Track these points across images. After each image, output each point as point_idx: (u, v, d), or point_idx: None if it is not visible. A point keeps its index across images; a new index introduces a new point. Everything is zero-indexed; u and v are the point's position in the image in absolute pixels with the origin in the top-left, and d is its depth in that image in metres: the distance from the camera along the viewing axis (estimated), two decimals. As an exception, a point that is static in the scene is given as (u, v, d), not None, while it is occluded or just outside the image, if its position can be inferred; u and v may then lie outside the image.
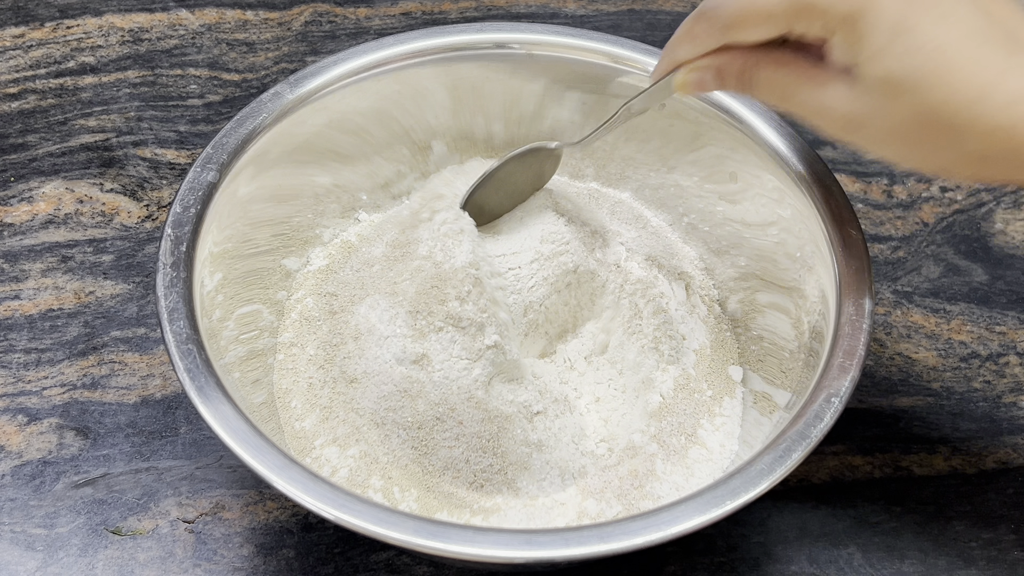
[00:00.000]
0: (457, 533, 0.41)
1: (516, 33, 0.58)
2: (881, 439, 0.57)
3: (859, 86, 0.39)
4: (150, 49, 0.75)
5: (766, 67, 0.42)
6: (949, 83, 0.37)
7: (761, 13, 0.40)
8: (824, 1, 0.38)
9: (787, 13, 0.40)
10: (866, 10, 0.38)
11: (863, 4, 0.38)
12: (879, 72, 0.38)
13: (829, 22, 0.39)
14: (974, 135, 0.38)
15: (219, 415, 0.43)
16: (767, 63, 0.42)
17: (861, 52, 0.38)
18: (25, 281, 0.62)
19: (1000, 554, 0.53)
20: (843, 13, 0.38)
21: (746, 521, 0.53)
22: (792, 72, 0.42)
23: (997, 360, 0.60)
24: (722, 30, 0.42)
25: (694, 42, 0.44)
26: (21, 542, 0.52)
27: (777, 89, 0.42)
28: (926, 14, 0.37)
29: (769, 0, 0.40)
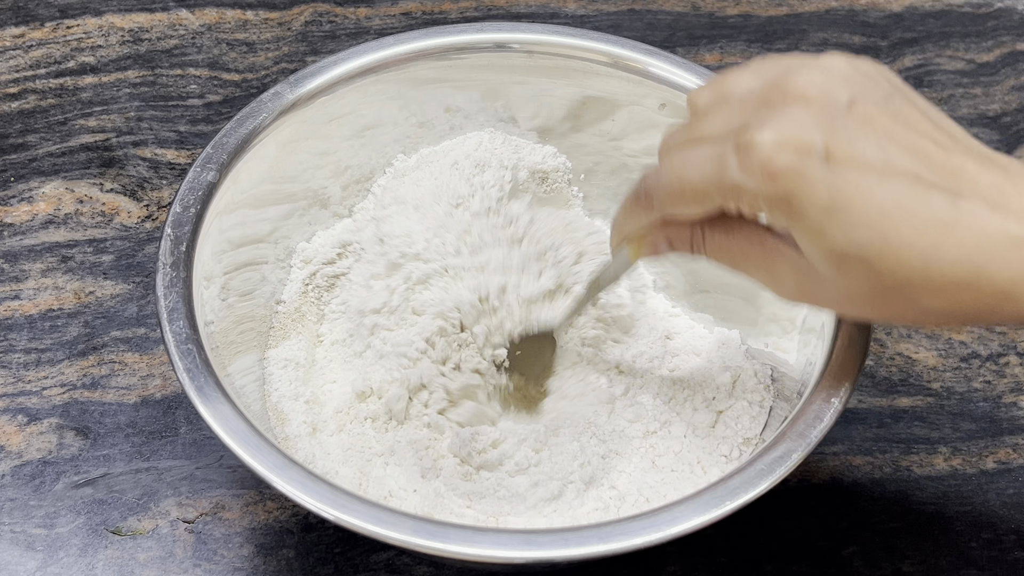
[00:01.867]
0: (457, 533, 0.41)
1: (516, 33, 0.58)
2: (881, 439, 0.57)
3: (806, 258, 0.39)
4: (150, 49, 0.75)
5: (714, 234, 0.42)
6: (895, 250, 0.36)
7: (689, 194, 0.40)
8: (749, 186, 0.37)
9: (715, 194, 0.39)
10: (795, 194, 0.36)
11: (789, 188, 0.36)
12: (821, 249, 0.37)
13: (760, 205, 0.38)
14: (929, 294, 0.36)
15: (219, 415, 0.43)
16: (715, 230, 0.42)
17: (799, 232, 0.37)
18: (25, 281, 0.62)
19: (1000, 554, 0.53)
20: (771, 198, 0.37)
21: (746, 521, 0.53)
22: (740, 239, 0.41)
23: (997, 360, 0.60)
24: (659, 209, 0.42)
25: (637, 219, 0.44)
26: (21, 542, 0.52)
27: (727, 255, 0.42)
28: (859, 183, 0.36)
29: (695, 183, 0.39)
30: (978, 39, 0.78)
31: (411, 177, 0.57)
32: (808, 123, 0.36)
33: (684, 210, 0.41)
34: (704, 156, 0.39)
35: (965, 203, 0.36)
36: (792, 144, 0.36)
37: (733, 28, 0.78)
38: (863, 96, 0.37)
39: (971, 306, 0.37)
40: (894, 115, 0.37)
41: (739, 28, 0.78)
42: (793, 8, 0.80)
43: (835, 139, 0.36)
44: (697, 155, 0.39)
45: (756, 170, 0.36)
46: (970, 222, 0.35)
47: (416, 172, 0.57)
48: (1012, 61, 0.76)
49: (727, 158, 0.37)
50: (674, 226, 0.43)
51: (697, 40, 0.77)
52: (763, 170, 0.36)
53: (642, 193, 0.42)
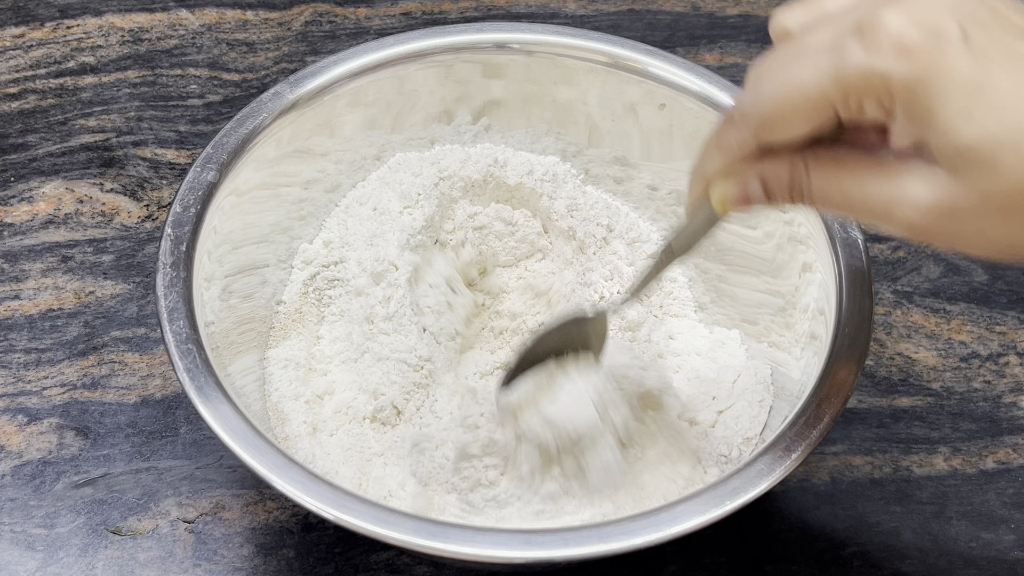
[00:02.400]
0: (457, 533, 0.41)
1: (516, 33, 0.58)
2: (881, 439, 0.57)
3: (940, 166, 0.33)
4: (150, 49, 0.75)
5: (820, 169, 0.35)
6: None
7: (802, 101, 0.34)
8: (881, 70, 0.32)
9: (834, 96, 0.33)
10: (932, 73, 0.31)
11: (929, 64, 0.31)
12: (965, 140, 0.32)
13: (887, 96, 0.32)
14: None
15: (219, 415, 0.43)
16: (820, 165, 0.35)
17: (935, 123, 0.32)
18: (25, 281, 0.62)
19: (1000, 554, 0.53)
20: (904, 81, 0.32)
21: (746, 521, 0.53)
22: (853, 169, 0.35)
23: (997, 360, 0.60)
24: (757, 130, 0.35)
25: (726, 152, 0.37)
26: (21, 542, 0.52)
27: (838, 192, 0.35)
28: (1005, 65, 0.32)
29: (810, 84, 0.33)
30: (978, 39, 0.78)
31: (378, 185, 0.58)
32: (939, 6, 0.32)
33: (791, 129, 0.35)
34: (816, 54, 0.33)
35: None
36: (924, 22, 0.32)
37: (733, 28, 0.78)
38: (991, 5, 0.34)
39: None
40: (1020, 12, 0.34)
41: (739, 28, 0.78)
42: (793, 8, 0.80)
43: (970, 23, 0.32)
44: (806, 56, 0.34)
45: (886, 48, 0.32)
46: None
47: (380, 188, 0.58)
48: (1012, 61, 0.76)
49: (846, 45, 0.32)
50: (771, 163, 0.36)
51: (697, 40, 0.77)
52: (894, 46, 0.32)
53: (735, 114, 0.36)
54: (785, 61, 0.34)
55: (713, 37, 0.77)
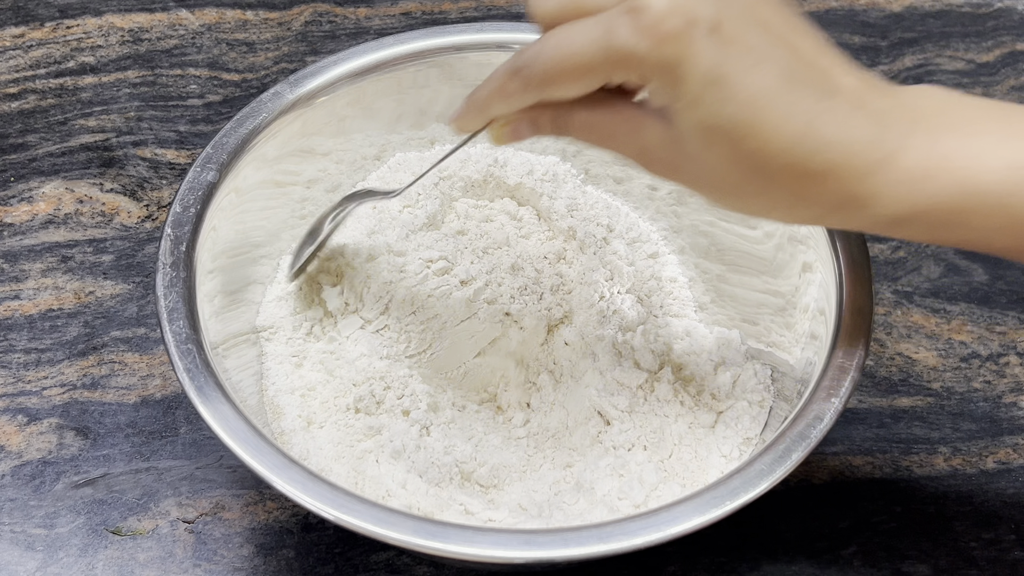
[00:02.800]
0: (457, 533, 0.41)
1: (516, 33, 0.58)
2: (881, 439, 0.57)
3: (675, 130, 0.39)
4: (150, 49, 0.75)
5: (580, 110, 0.41)
6: (761, 131, 0.37)
7: (578, 68, 0.39)
8: (640, 52, 0.37)
9: (603, 66, 0.38)
10: (681, 60, 0.37)
11: (678, 53, 0.37)
12: (693, 120, 0.38)
13: (645, 71, 0.38)
14: (785, 179, 0.38)
15: (219, 415, 0.43)
16: (581, 106, 0.41)
17: (677, 100, 0.38)
18: (25, 281, 0.62)
19: (1000, 554, 0.53)
20: (658, 62, 0.37)
21: (746, 521, 0.53)
22: (608, 114, 0.41)
23: (997, 360, 0.60)
24: (538, 88, 0.40)
25: (508, 100, 0.42)
26: (21, 542, 0.52)
27: (594, 132, 0.42)
28: (739, 62, 0.37)
29: (584, 54, 0.38)
30: (978, 39, 0.78)
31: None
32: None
33: (566, 88, 0.40)
34: (590, 25, 0.38)
35: (829, 100, 0.38)
36: (683, 11, 0.36)
37: (733, 28, 0.78)
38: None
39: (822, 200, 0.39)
40: (775, 11, 0.39)
41: (739, 28, 0.78)
42: (793, 8, 0.80)
43: (722, 16, 0.37)
44: (582, 26, 0.38)
45: (646, 32, 0.37)
46: (833, 117, 0.37)
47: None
48: (1012, 61, 0.76)
49: (617, 23, 0.37)
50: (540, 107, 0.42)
51: (697, 40, 0.77)
52: (654, 33, 0.36)
53: (518, 70, 0.41)
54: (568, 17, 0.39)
55: (713, 37, 0.77)
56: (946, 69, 0.76)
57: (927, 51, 0.77)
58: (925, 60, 0.76)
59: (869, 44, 0.77)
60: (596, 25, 0.38)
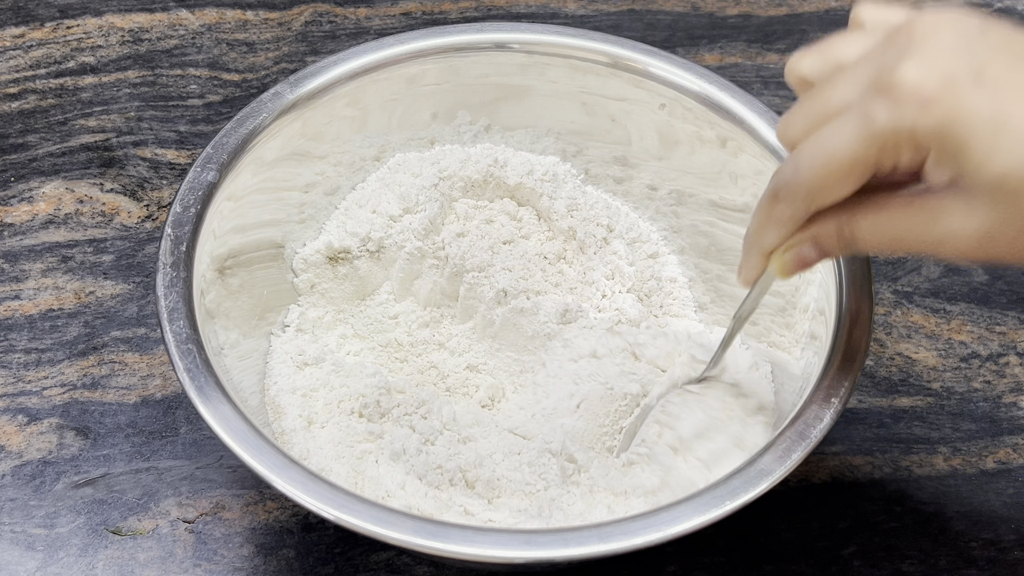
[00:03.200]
0: (457, 533, 0.41)
1: (516, 33, 0.58)
2: (881, 439, 0.57)
3: (976, 197, 0.35)
4: (150, 49, 0.75)
5: (864, 216, 0.38)
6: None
7: (843, 169, 0.36)
8: (907, 125, 0.34)
9: (870, 158, 0.35)
10: (955, 116, 0.33)
11: (950, 111, 0.33)
12: (995, 173, 0.34)
13: (919, 145, 0.35)
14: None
15: (219, 415, 0.43)
16: (864, 212, 0.38)
17: (966, 161, 0.34)
18: (25, 281, 0.62)
19: (1000, 554, 0.53)
20: (931, 130, 0.34)
21: (746, 521, 0.53)
22: (896, 211, 0.37)
23: (997, 360, 0.60)
24: (806, 202, 0.38)
25: (780, 227, 0.39)
26: (21, 542, 0.52)
27: (886, 235, 0.38)
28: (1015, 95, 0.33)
29: (846, 152, 0.35)
30: (978, 39, 0.78)
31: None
32: (948, 50, 0.34)
33: (837, 193, 0.37)
34: (844, 122, 0.36)
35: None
36: (938, 71, 0.34)
37: (733, 28, 0.78)
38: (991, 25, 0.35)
39: None
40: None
41: (739, 28, 0.78)
42: (793, 8, 0.80)
43: (980, 61, 0.34)
44: (837, 125, 0.36)
45: (908, 104, 0.34)
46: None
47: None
48: (1012, 61, 0.76)
49: (871, 108, 0.35)
50: (817, 223, 0.39)
51: (697, 40, 0.77)
52: (916, 101, 0.34)
53: (780, 190, 0.38)
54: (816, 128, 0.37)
55: (713, 37, 0.77)
56: (946, 69, 0.76)
57: (927, 51, 0.77)
58: (925, 60, 0.76)
59: (869, 44, 0.77)
60: (850, 118, 0.35)
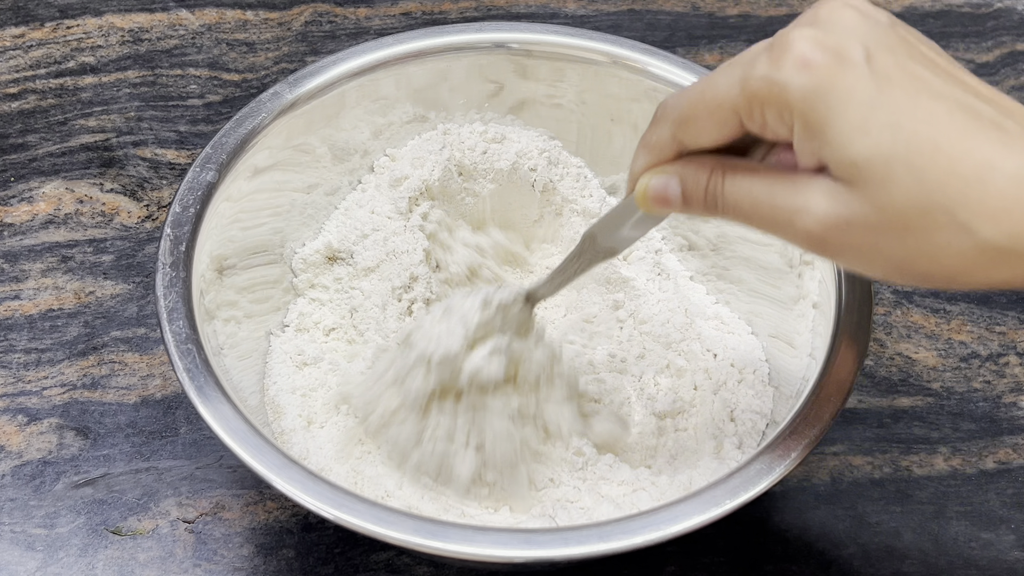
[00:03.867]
0: (457, 533, 0.41)
1: (516, 33, 0.58)
2: (881, 439, 0.57)
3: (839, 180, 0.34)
4: (150, 49, 0.75)
5: (734, 176, 0.37)
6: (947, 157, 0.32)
7: (711, 106, 0.36)
8: (780, 80, 0.33)
9: (738, 103, 0.35)
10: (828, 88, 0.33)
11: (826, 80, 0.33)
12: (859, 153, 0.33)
13: (786, 109, 0.34)
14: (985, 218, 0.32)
15: (218, 415, 0.43)
16: (735, 172, 0.37)
17: (831, 136, 0.33)
18: (25, 281, 0.62)
19: (1000, 554, 0.53)
20: (801, 92, 0.33)
21: (746, 521, 0.53)
22: (764, 178, 0.36)
23: (997, 360, 0.60)
24: (674, 129, 0.38)
25: (650, 150, 0.39)
26: (21, 542, 0.52)
27: (748, 199, 0.37)
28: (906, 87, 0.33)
29: (719, 90, 0.36)
30: (978, 39, 0.78)
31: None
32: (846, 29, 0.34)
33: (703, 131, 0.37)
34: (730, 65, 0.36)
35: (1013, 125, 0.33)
36: (829, 43, 0.33)
37: (733, 28, 0.78)
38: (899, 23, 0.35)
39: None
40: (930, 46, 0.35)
41: (739, 28, 0.78)
42: (793, 8, 0.80)
43: (874, 48, 0.34)
44: (723, 68, 0.36)
45: (788, 62, 0.33)
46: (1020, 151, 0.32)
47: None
48: (1012, 61, 0.76)
49: (756, 59, 0.35)
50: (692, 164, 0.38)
51: (697, 40, 0.77)
52: (796, 61, 0.33)
53: (656, 113, 0.39)
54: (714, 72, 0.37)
55: (713, 37, 0.77)
56: (946, 69, 0.76)
57: (927, 51, 0.77)
58: (925, 60, 0.76)
59: (869, 44, 0.77)
60: (736, 65, 0.36)
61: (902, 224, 0.33)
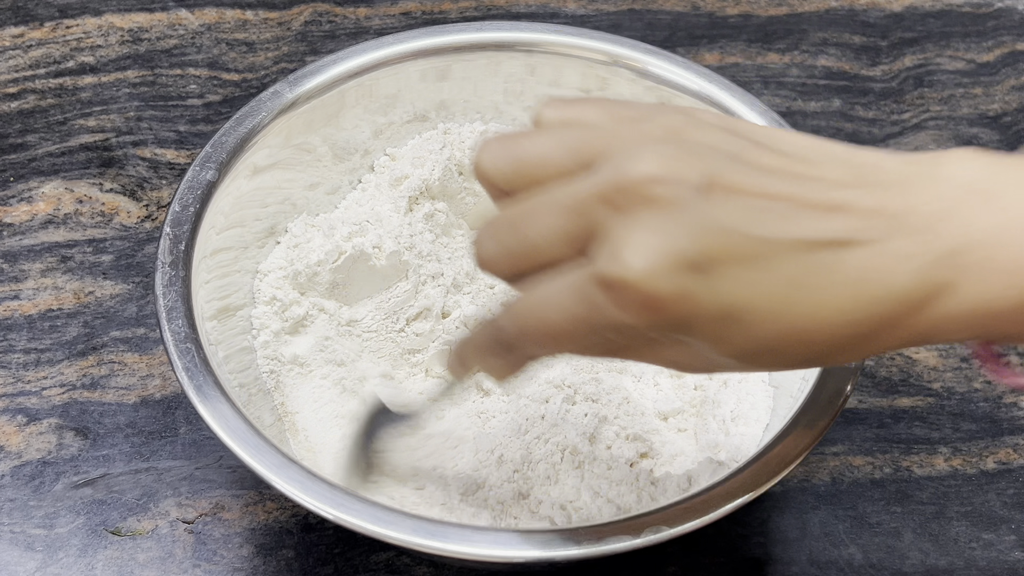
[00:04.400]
0: (457, 533, 0.41)
1: (516, 33, 0.58)
2: (881, 439, 0.57)
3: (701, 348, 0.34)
4: (150, 49, 0.75)
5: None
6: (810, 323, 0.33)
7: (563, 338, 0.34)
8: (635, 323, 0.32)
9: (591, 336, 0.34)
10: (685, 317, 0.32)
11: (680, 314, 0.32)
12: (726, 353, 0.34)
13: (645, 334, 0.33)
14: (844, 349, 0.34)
15: (218, 414, 0.43)
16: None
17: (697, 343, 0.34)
18: (24, 281, 0.62)
19: (1000, 555, 0.53)
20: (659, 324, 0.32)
21: (746, 521, 0.53)
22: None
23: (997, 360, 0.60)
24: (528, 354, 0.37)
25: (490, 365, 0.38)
26: (21, 542, 0.52)
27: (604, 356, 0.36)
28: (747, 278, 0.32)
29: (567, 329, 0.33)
30: (978, 39, 0.78)
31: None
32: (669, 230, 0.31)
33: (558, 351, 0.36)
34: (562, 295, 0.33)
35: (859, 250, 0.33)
36: (663, 265, 0.31)
37: (733, 28, 0.78)
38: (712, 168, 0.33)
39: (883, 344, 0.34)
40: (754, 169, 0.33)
41: (739, 28, 0.78)
42: (793, 8, 0.80)
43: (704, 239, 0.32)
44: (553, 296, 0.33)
45: (636, 307, 0.32)
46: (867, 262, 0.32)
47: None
48: (1012, 61, 0.76)
49: (596, 298, 0.32)
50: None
51: (697, 40, 0.77)
52: (644, 306, 0.31)
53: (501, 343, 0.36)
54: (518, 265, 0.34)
55: (713, 37, 0.77)
56: (946, 69, 0.76)
57: (927, 51, 0.77)
58: (925, 60, 0.76)
59: (869, 44, 0.77)
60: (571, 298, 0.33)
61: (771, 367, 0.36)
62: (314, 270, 0.53)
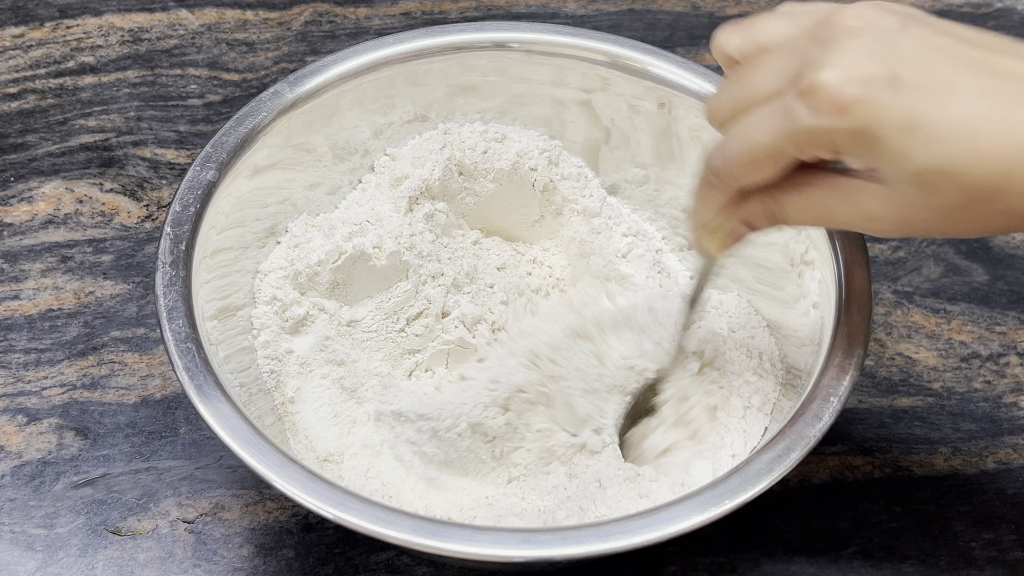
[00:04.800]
0: (457, 533, 0.41)
1: (516, 33, 0.58)
2: (881, 439, 0.57)
3: (891, 187, 0.38)
4: (150, 49, 0.75)
5: (790, 196, 0.40)
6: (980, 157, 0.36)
7: (762, 155, 0.39)
8: (826, 128, 0.37)
9: (790, 150, 0.38)
10: (870, 121, 0.36)
11: (864, 117, 0.36)
12: (907, 172, 0.37)
13: (838, 145, 0.37)
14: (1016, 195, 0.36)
15: (218, 414, 0.43)
16: (789, 192, 0.40)
17: (882, 159, 0.37)
18: (25, 281, 0.62)
19: (1000, 554, 0.53)
20: (849, 132, 0.37)
21: (746, 521, 0.53)
22: (818, 192, 0.40)
23: (997, 360, 0.60)
24: (732, 181, 0.41)
25: (711, 206, 0.42)
26: (21, 542, 0.52)
27: (810, 213, 0.41)
28: (931, 98, 0.36)
29: (766, 142, 0.38)
30: (978, 39, 0.78)
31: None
32: (866, 53, 0.36)
33: (760, 174, 0.40)
34: (767, 114, 0.38)
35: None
36: (856, 76, 0.36)
37: (733, 28, 0.78)
38: (911, 19, 0.38)
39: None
40: (946, 33, 0.38)
41: (739, 28, 0.78)
42: (793, 8, 0.80)
43: (897, 63, 0.36)
44: (759, 116, 0.39)
45: (827, 109, 0.36)
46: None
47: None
48: (1012, 61, 0.76)
49: (793, 107, 0.37)
50: (748, 203, 0.41)
51: (697, 40, 0.77)
52: (834, 107, 0.36)
53: (710, 174, 0.41)
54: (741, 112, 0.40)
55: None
56: (946, 69, 0.76)
57: (927, 51, 0.77)
58: (925, 60, 0.76)
59: (869, 44, 0.77)
60: (774, 114, 0.38)
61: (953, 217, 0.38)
62: (314, 270, 0.53)
